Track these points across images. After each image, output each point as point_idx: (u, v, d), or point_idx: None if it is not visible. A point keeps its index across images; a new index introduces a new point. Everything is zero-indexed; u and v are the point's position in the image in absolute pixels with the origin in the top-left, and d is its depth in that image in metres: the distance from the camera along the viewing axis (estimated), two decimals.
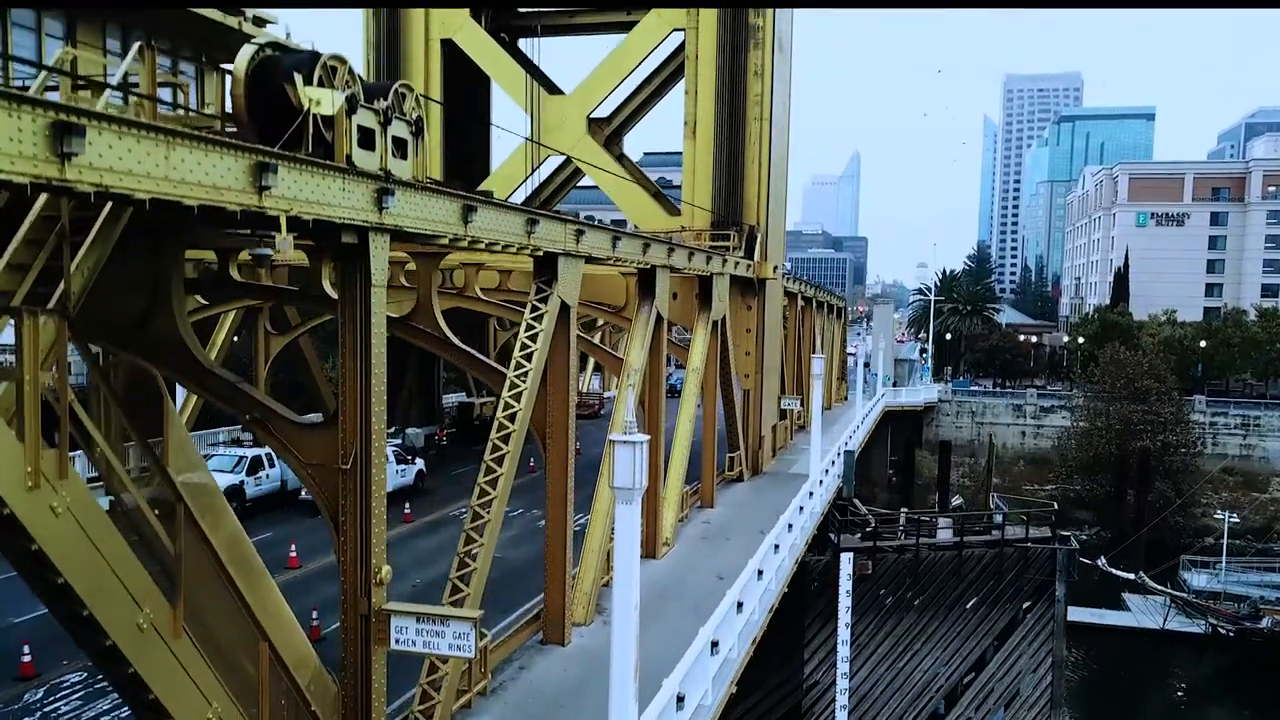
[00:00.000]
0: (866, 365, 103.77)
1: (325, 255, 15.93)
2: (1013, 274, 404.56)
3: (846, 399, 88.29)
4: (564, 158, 47.55)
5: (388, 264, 13.80)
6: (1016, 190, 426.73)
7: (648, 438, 12.58)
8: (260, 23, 18.47)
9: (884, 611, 39.80)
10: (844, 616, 35.38)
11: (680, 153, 44.25)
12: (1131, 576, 58.56)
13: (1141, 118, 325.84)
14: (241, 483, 34.00)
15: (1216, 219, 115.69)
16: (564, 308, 20.63)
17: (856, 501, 46.47)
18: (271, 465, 35.46)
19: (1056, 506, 48.72)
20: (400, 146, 13.89)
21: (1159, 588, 58.25)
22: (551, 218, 19.66)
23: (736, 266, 38.51)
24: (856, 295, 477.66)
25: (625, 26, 46.44)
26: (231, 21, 17.59)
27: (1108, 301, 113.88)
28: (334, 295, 15.00)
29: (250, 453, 35.05)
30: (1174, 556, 68.35)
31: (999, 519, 44.29)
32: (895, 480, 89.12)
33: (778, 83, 42.90)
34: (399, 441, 41.15)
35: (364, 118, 12.93)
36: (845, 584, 35.95)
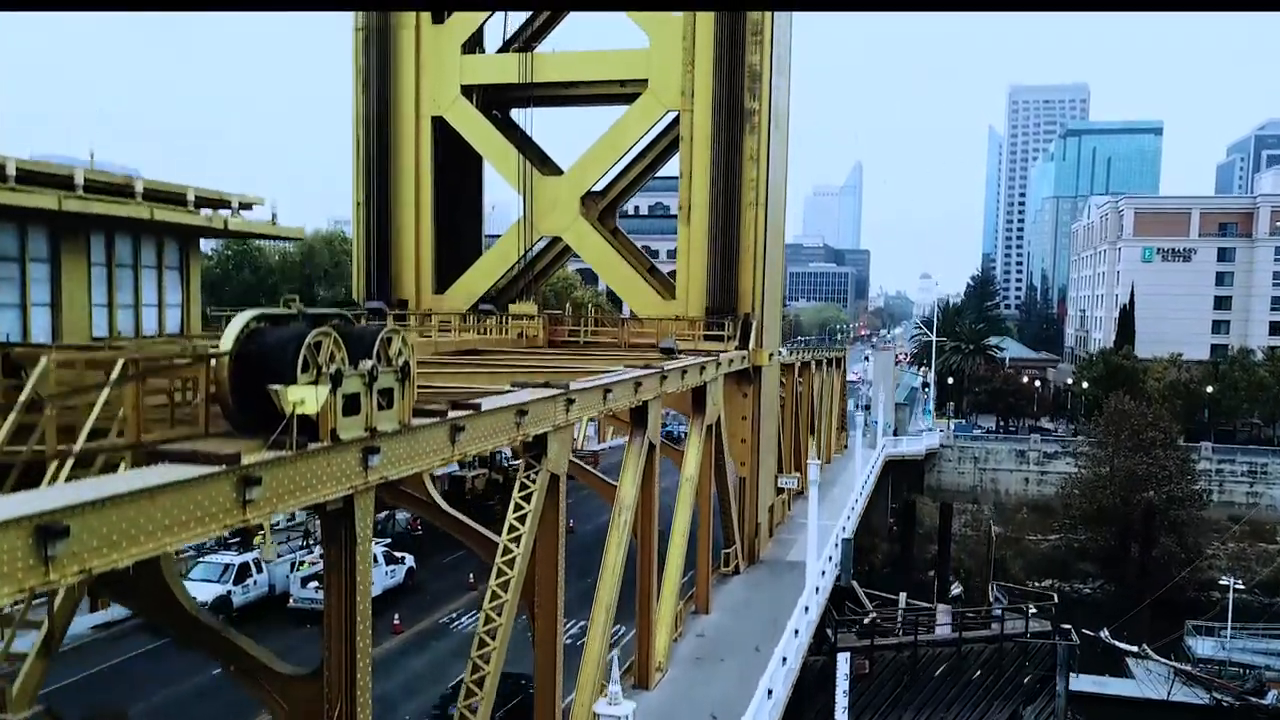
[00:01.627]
0: (866, 408, 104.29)
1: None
2: (1018, 290, 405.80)
3: (846, 447, 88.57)
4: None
5: (373, 517, 14.04)
6: (1022, 203, 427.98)
7: (633, 706, 12.80)
8: (247, 206, 18.68)
9: (881, 710, 39.99)
10: (841, 718, 35.59)
11: (676, 177, 44.66)
12: (1134, 649, 58.77)
13: (1149, 132, 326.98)
14: (229, 593, 34.14)
15: (1223, 255, 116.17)
16: (553, 479, 20.86)
17: (856, 586, 46.71)
18: (259, 570, 35.61)
19: (1057, 593, 48.78)
20: (387, 395, 14.14)
21: (1162, 661, 58.39)
22: (542, 399, 19.90)
23: (731, 364, 38.77)
24: (858, 310, 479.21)
25: (620, 99, 46.90)
26: (218, 221, 17.79)
27: (1113, 337, 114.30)
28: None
29: (237, 560, 35.18)
30: (1180, 613, 68.63)
31: (998, 612, 44.36)
32: (896, 529, 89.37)
33: (773, 165, 43.23)
34: (388, 540, 41.37)
35: (350, 385, 13.18)
36: (842, 684, 36.15)
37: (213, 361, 12.38)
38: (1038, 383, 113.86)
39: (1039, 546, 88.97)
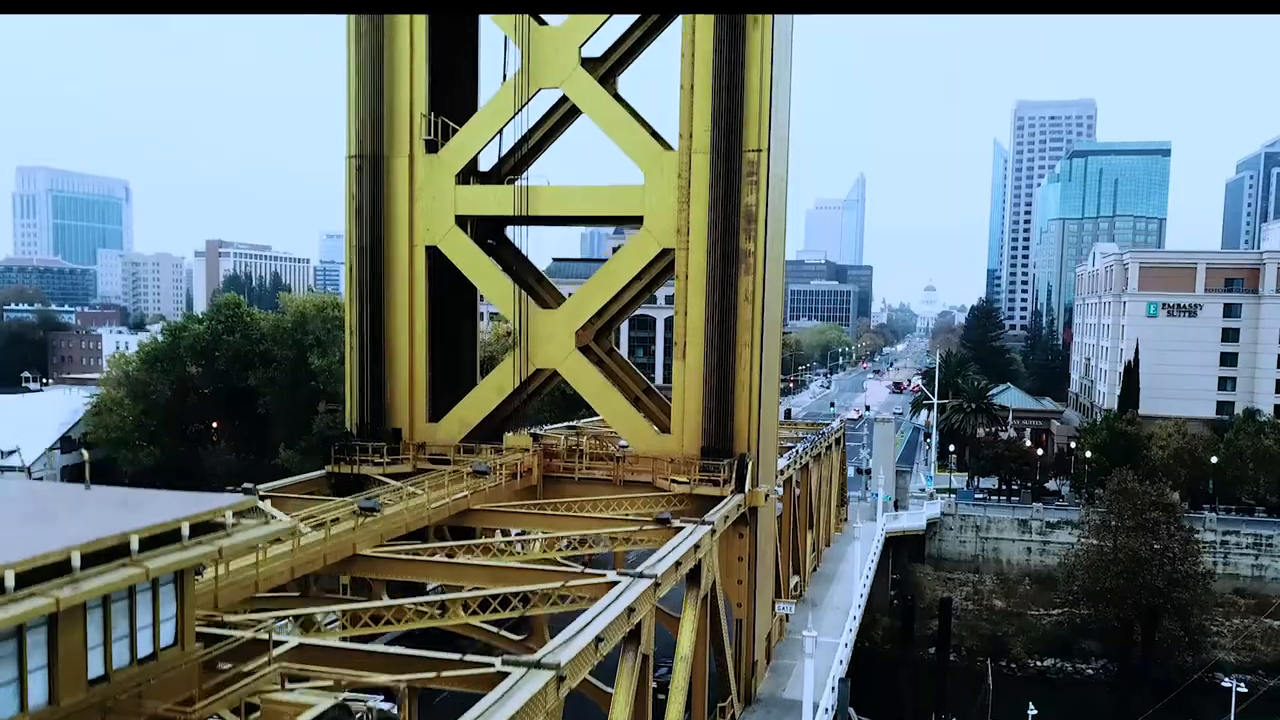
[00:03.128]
0: (866, 472, 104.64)
1: None
2: (1023, 308, 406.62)
3: (846, 520, 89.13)
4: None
5: None
6: (1028, 221, 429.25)
7: None
8: (243, 512, 19.19)
9: None
10: None
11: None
12: None
13: (1156, 153, 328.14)
14: None
15: (1230, 310, 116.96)
16: None
17: (853, 714, 47.21)
18: None
19: (1060, 674, 49.13)
20: None
21: None
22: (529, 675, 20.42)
23: (727, 520, 39.29)
24: (860, 328, 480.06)
25: (615, 220, 47.50)
26: (212, 547, 18.34)
27: (1118, 391, 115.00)
28: None
29: None
30: (1183, 696, 69.29)
31: None
32: (896, 603, 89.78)
33: (768, 301, 43.79)
34: None
35: None
36: None
37: None
38: (1040, 449, 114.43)
39: (1041, 623, 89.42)
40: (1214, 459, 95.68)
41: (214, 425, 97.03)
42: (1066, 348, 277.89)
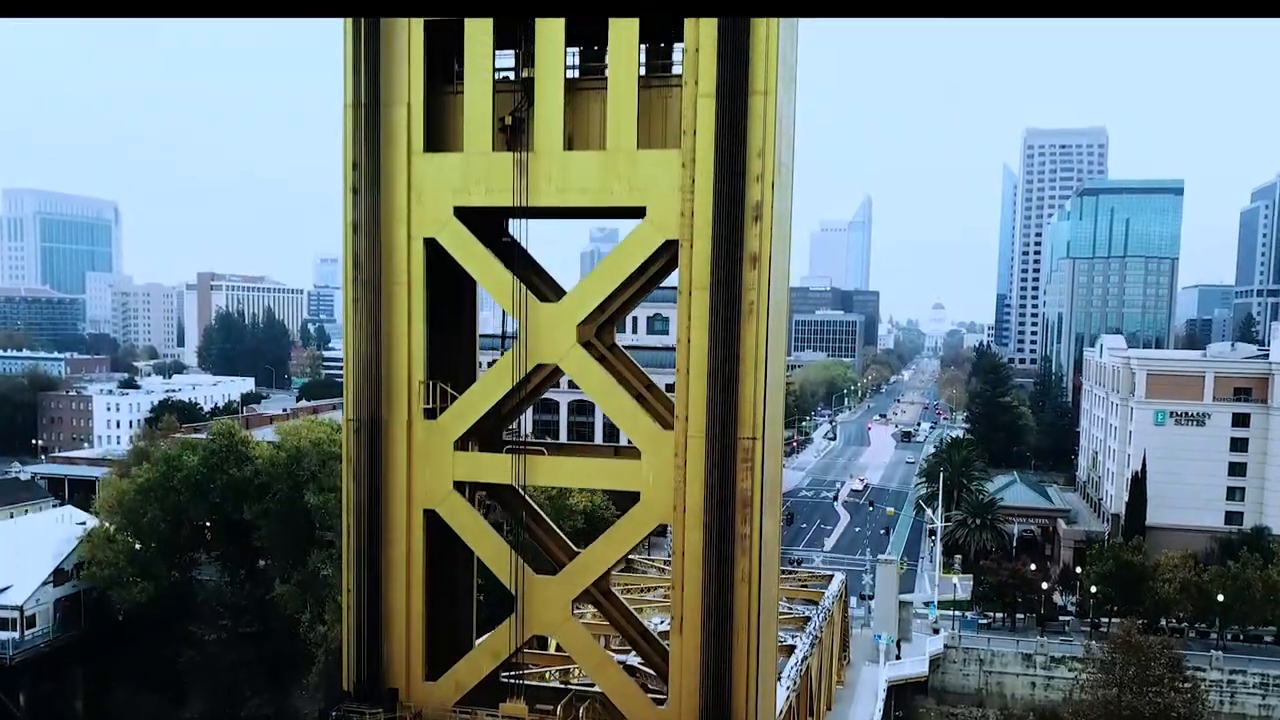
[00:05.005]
0: (870, 598, 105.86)
1: None
2: (1033, 342, 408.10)
3: (848, 662, 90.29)
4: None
5: None
6: (1038, 252, 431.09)
7: None
8: None
9: None
10: None
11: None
12: None
13: (1169, 191, 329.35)
14: None
15: (1239, 420, 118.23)
16: None
17: None
18: None
19: None
20: None
21: None
22: None
23: None
24: (866, 358, 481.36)
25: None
26: None
27: (1125, 501, 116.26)
28: None
29: None
30: None
31: None
32: None
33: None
34: None
35: None
36: None
37: None
38: (1047, 547, 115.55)
39: None
40: (1220, 596, 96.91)
41: (209, 556, 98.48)
42: (1077, 393, 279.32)
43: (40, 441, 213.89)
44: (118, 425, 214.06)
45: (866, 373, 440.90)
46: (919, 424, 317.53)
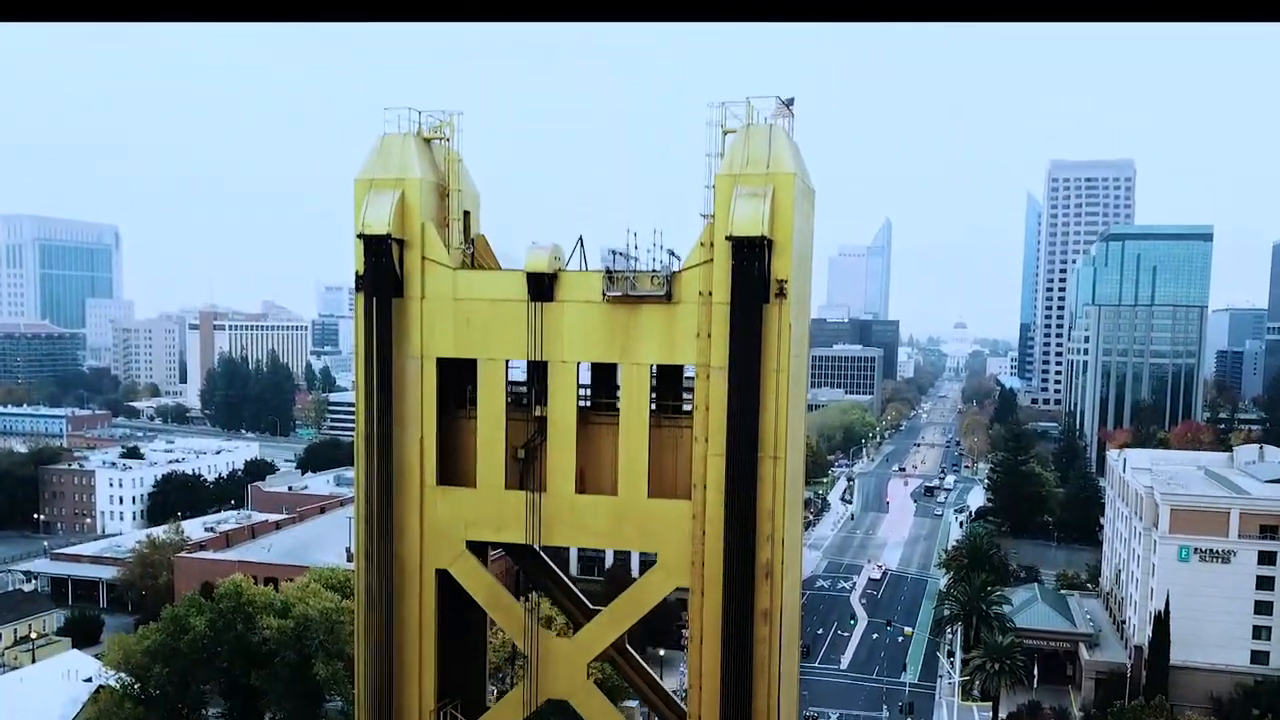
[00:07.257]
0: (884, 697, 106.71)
1: None
2: (1057, 386, 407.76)
3: None
4: None
5: None
6: (1062, 286, 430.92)
7: None
8: None
9: None
10: None
11: None
12: None
13: (1196, 238, 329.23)
14: None
15: (1264, 558, 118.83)
16: None
17: None
18: None
19: None
20: None
21: None
22: None
23: None
24: (885, 393, 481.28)
25: None
26: None
27: (1148, 638, 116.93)
28: None
29: None
30: None
31: None
32: None
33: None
34: None
35: None
36: None
37: None
38: (1068, 679, 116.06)
39: None
40: None
41: (218, 716, 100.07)
42: (1101, 448, 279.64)
43: (41, 516, 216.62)
44: (120, 501, 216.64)
45: (886, 411, 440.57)
46: (942, 473, 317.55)
